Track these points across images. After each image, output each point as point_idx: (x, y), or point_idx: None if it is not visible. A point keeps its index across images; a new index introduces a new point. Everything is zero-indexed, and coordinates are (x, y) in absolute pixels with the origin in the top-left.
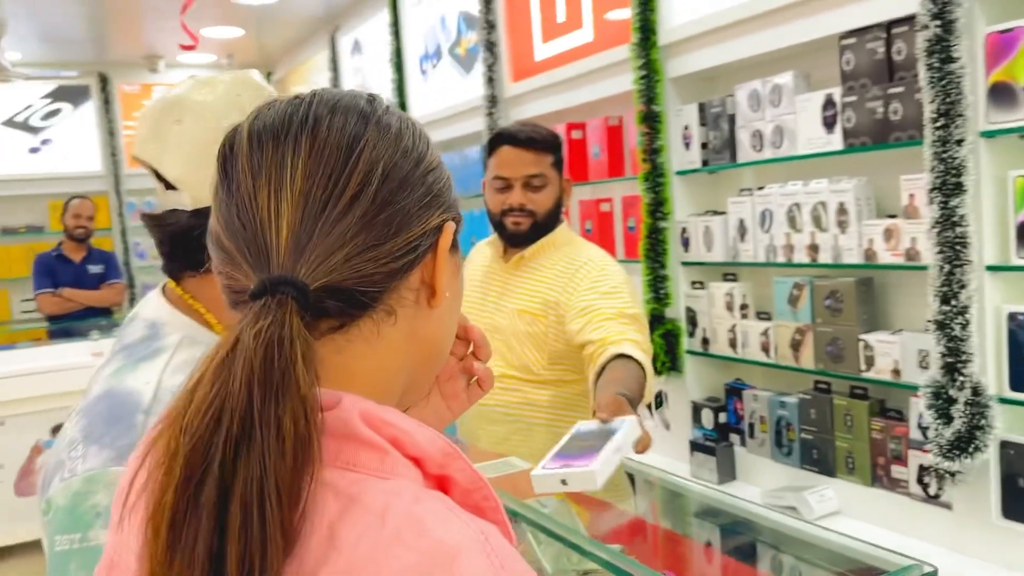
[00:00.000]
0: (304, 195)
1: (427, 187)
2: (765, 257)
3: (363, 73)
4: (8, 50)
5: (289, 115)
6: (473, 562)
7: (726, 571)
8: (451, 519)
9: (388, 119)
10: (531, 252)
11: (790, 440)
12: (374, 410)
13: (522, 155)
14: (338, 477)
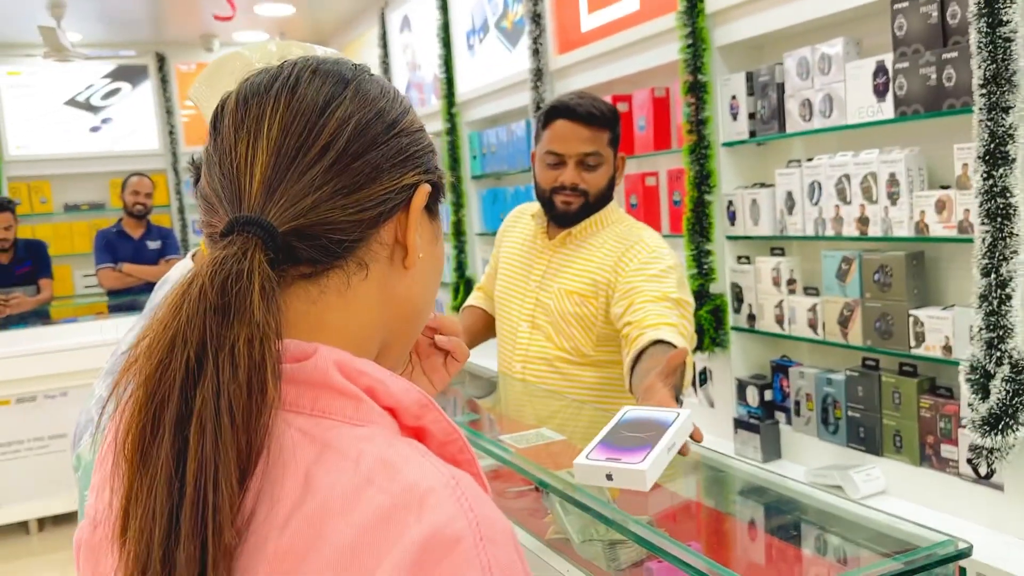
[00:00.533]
0: (277, 144)
1: (401, 148)
2: (813, 231)
3: (412, 49)
4: (69, 31)
5: (274, 77)
6: (442, 503)
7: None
8: (423, 463)
9: (367, 85)
10: (579, 230)
11: (837, 418)
12: (349, 360)
13: (578, 131)
14: (313, 425)
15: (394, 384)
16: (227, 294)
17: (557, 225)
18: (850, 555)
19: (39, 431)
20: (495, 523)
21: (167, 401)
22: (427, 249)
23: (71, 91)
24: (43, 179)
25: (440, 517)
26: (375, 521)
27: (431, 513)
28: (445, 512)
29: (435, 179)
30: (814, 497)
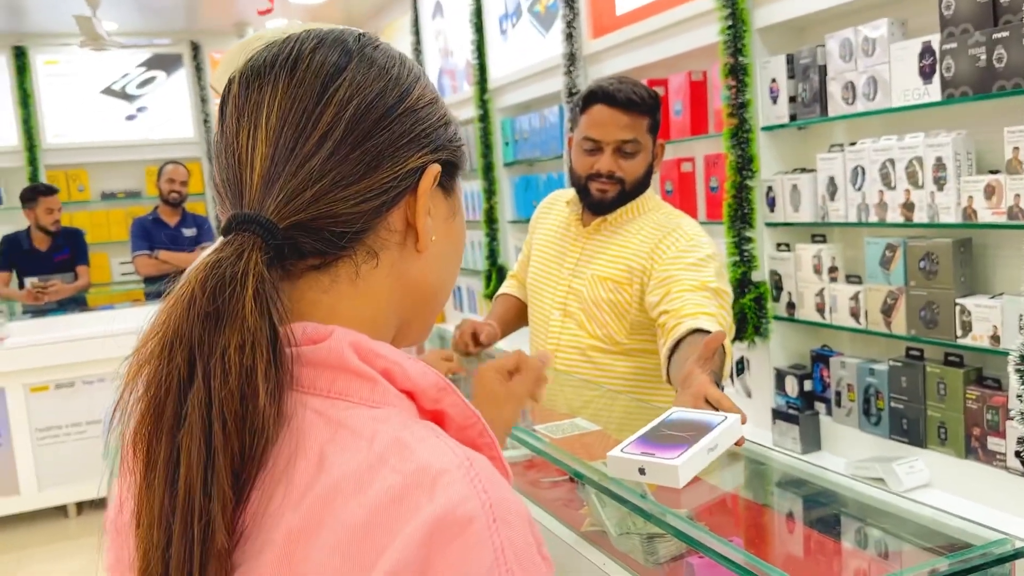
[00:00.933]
0: (276, 133)
1: (408, 127)
2: (856, 217)
3: (444, 36)
4: (104, 20)
5: (274, 55)
6: (454, 484)
7: (809, 544)
8: (437, 444)
9: (374, 54)
10: (614, 217)
11: (879, 409)
12: (365, 342)
13: (617, 117)
14: (329, 406)
15: (411, 367)
16: (218, 300)
17: (592, 213)
18: (895, 551)
19: (77, 417)
20: (510, 505)
21: (164, 406)
22: (442, 227)
23: (107, 80)
24: (80, 167)
25: (452, 497)
26: (387, 501)
27: (443, 493)
28: (458, 493)
29: (448, 156)
30: (856, 490)
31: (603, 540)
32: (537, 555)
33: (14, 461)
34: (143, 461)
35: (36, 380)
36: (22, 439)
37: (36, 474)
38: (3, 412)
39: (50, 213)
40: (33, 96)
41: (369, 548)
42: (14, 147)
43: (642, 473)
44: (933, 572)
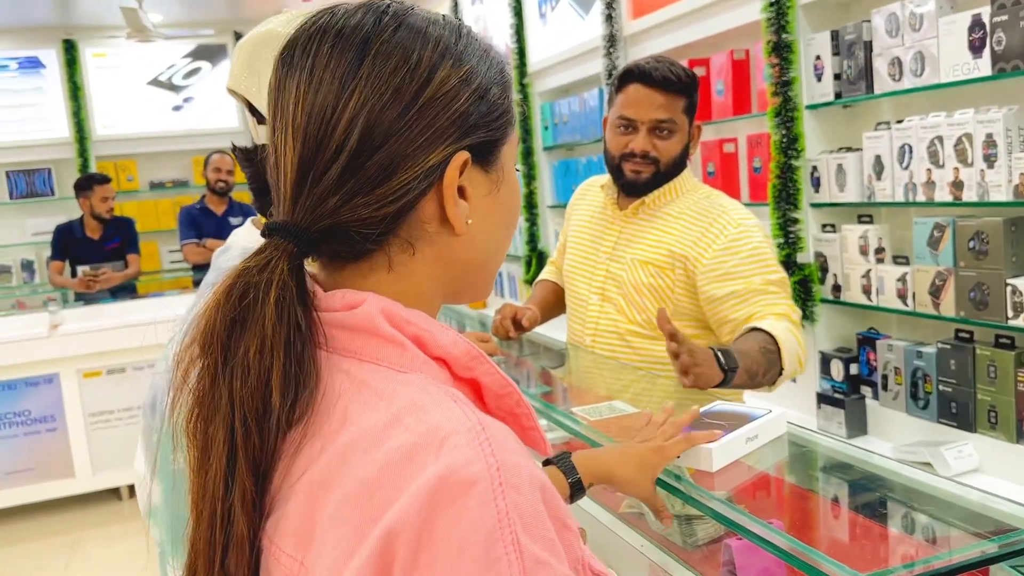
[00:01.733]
0: (301, 143)
1: (428, 121)
2: (903, 196)
3: (484, 20)
4: (150, 12)
5: (294, 57)
6: (461, 446)
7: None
8: (452, 407)
9: (394, 38)
10: (652, 199)
11: (927, 393)
12: (396, 310)
13: (653, 96)
14: (359, 368)
15: (442, 334)
16: (241, 305)
17: (626, 194)
18: (941, 535)
19: (128, 401)
20: (520, 471)
21: (203, 401)
22: (484, 203)
23: (153, 71)
24: (129, 158)
25: (457, 459)
26: (397, 459)
27: (449, 454)
28: (463, 454)
29: (482, 136)
30: (901, 474)
31: (641, 522)
32: (548, 522)
33: (69, 445)
34: (191, 448)
35: (88, 366)
36: (76, 423)
37: (90, 457)
38: (57, 397)
39: (105, 201)
40: (83, 89)
41: (378, 502)
42: (65, 139)
43: (677, 456)
44: (982, 554)
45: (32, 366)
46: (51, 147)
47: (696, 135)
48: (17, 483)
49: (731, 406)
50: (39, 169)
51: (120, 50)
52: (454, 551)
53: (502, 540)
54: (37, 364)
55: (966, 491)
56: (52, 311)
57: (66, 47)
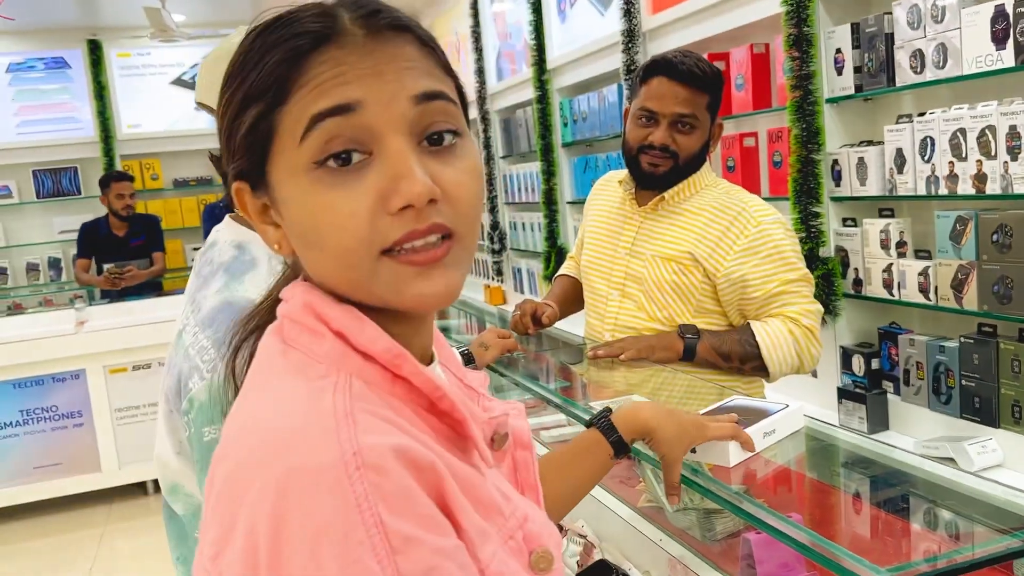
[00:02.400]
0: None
1: (224, 137)
2: (926, 189)
3: (503, 18)
4: (173, 12)
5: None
6: (314, 435)
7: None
8: (323, 397)
9: (236, 50)
10: (671, 195)
11: (949, 387)
12: (318, 303)
13: (676, 90)
14: (282, 351)
15: (362, 331)
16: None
17: (642, 187)
18: (964, 530)
19: (153, 397)
20: (384, 451)
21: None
22: (286, 226)
23: (177, 71)
24: (154, 156)
25: (306, 449)
26: (257, 444)
27: (301, 443)
28: (314, 443)
29: (241, 164)
30: (923, 468)
31: (660, 516)
32: (422, 498)
33: (95, 440)
34: None
35: (115, 362)
36: (102, 418)
37: (116, 452)
38: (84, 393)
39: (120, 198)
40: (108, 88)
41: (234, 498)
42: (91, 138)
43: (693, 451)
44: (1006, 549)
45: (59, 362)
46: (77, 146)
47: (717, 133)
48: (45, 477)
49: (748, 400)
50: (65, 168)
51: (144, 50)
52: (310, 542)
53: (363, 524)
54: (64, 360)
55: (990, 486)
56: (78, 308)
57: (91, 47)
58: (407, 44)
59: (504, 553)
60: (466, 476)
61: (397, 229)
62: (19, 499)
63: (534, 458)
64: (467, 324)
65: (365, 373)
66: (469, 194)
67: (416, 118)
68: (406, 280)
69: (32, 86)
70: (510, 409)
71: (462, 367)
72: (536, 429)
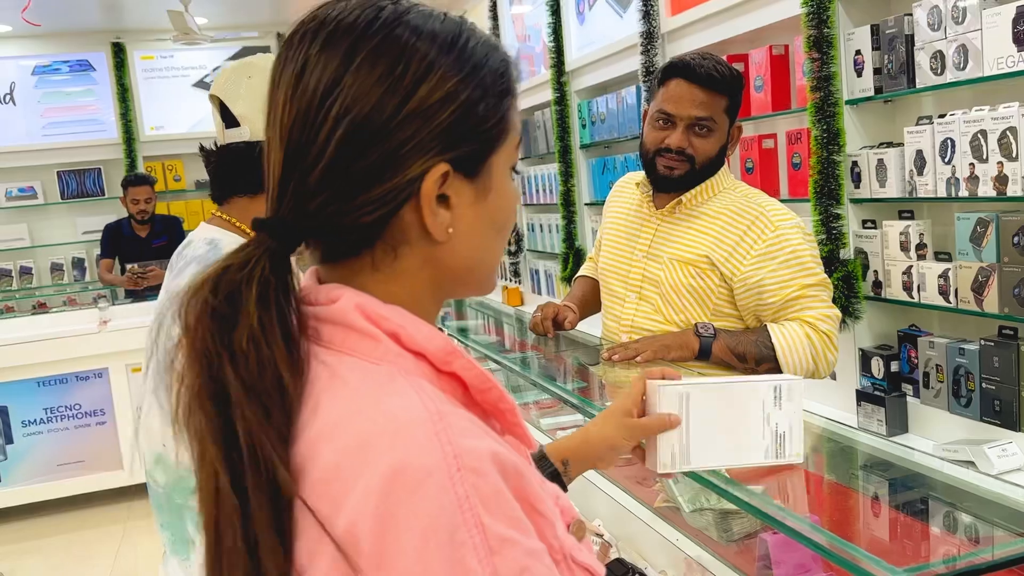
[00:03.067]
0: (286, 143)
1: (409, 134)
2: (946, 191)
3: (521, 20)
4: (196, 15)
5: (286, 59)
6: (416, 436)
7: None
8: (412, 398)
9: (380, 49)
10: (689, 198)
11: (969, 390)
12: (371, 304)
13: (695, 93)
14: (336, 359)
15: (418, 330)
16: (227, 301)
17: (658, 190)
18: (983, 533)
19: None
20: (479, 454)
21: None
22: (469, 212)
23: (199, 73)
24: (176, 158)
25: (412, 449)
26: (354, 447)
27: (403, 444)
28: (418, 444)
29: (465, 150)
30: (942, 471)
31: (676, 516)
32: (512, 501)
33: (117, 438)
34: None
35: (137, 361)
36: (124, 417)
37: (138, 450)
38: (106, 391)
39: (135, 203)
40: (131, 90)
41: (338, 491)
42: (114, 140)
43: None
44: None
45: (82, 361)
46: (101, 148)
47: (736, 136)
48: (68, 475)
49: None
50: (89, 169)
51: (167, 53)
52: (418, 541)
53: (464, 524)
54: (87, 359)
55: (1010, 489)
56: (102, 307)
57: (115, 50)
58: None
59: (561, 527)
60: (527, 468)
61: None
62: (42, 496)
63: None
64: (484, 325)
65: (419, 370)
66: None
67: None
68: None
69: (57, 88)
70: None
71: None
72: (553, 429)
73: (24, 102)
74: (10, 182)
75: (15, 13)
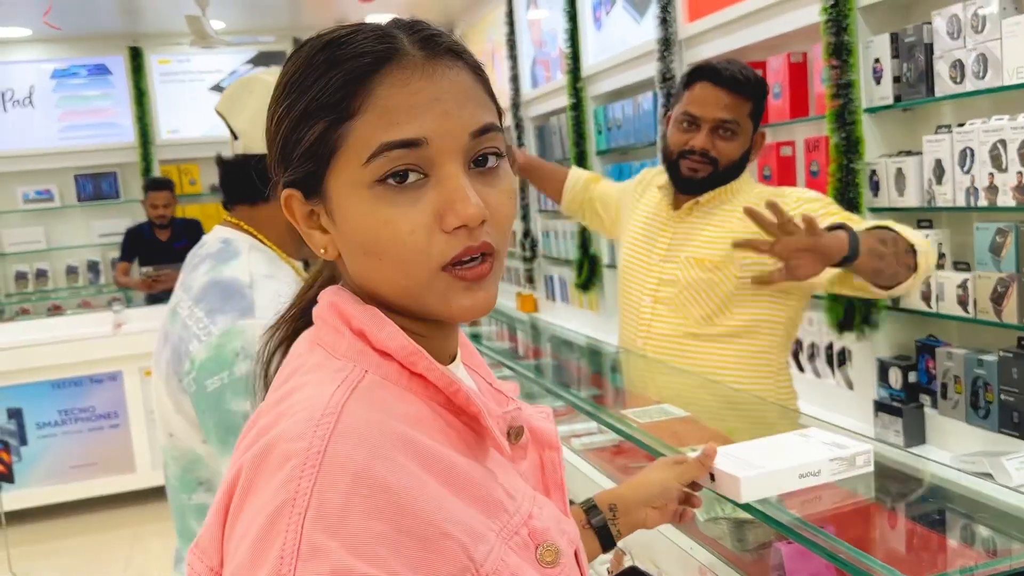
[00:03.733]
0: None
1: (272, 155)
2: (965, 201)
3: (538, 25)
4: (212, 19)
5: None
6: (300, 422)
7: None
8: (328, 389)
9: (282, 72)
10: (708, 198)
11: (988, 402)
12: (343, 303)
13: (719, 96)
14: (308, 349)
15: (380, 329)
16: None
17: (681, 191)
18: (1002, 546)
19: None
20: (348, 466)
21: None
22: (336, 234)
23: (216, 77)
24: (192, 162)
25: (287, 433)
26: (265, 422)
27: (288, 425)
28: (296, 429)
29: (299, 172)
30: (960, 483)
31: (690, 525)
32: (366, 524)
33: (130, 441)
34: None
35: (151, 364)
36: (138, 420)
37: (150, 453)
38: (120, 394)
39: (155, 208)
40: (148, 94)
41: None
42: (131, 144)
43: (712, 479)
44: None
45: (96, 364)
46: (117, 151)
47: (759, 142)
48: (81, 477)
49: (820, 435)
50: (105, 173)
51: (183, 57)
52: (253, 512)
53: (287, 520)
54: (101, 362)
55: None
56: (116, 311)
57: (132, 54)
58: (462, 71)
59: (503, 550)
60: (463, 474)
61: (454, 246)
62: (56, 498)
63: (561, 459)
64: (498, 331)
65: (382, 369)
66: (509, 215)
67: (471, 148)
68: (455, 293)
69: (75, 92)
70: (538, 412)
71: (491, 372)
72: (567, 436)
73: (42, 105)
74: (28, 185)
75: (36, 17)
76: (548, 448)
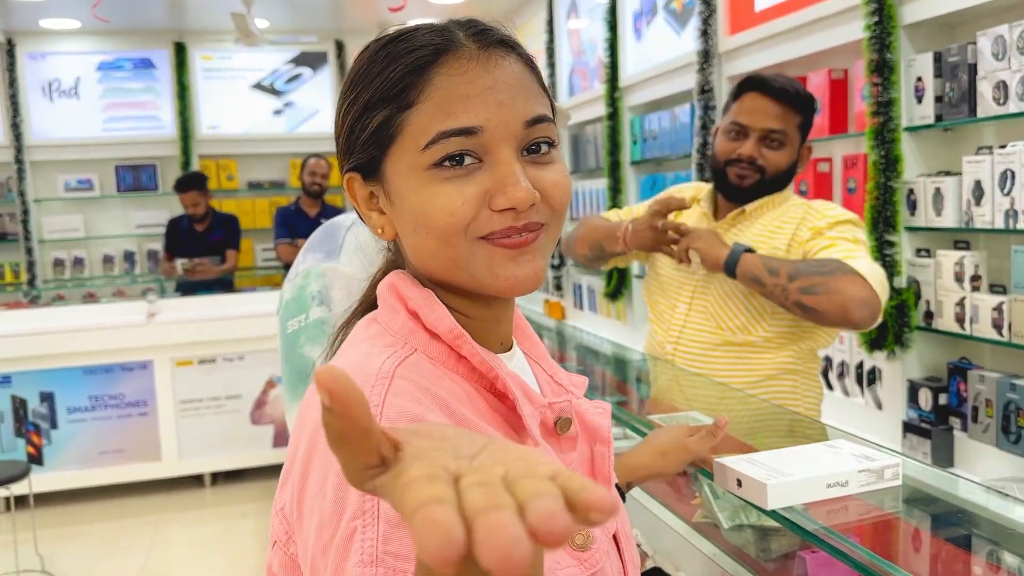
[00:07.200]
0: None
1: (339, 146)
2: (1004, 223)
3: (578, 34)
4: (257, 18)
5: None
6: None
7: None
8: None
9: (353, 69)
10: (753, 208)
11: (1019, 427)
12: (401, 284)
13: (768, 106)
14: (367, 323)
15: (431, 311)
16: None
17: (728, 199)
18: None
19: (217, 391)
20: (404, 415)
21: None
22: (393, 215)
23: (257, 76)
24: (230, 158)
25: None
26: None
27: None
28: (364, 376)
29: (359, 158)
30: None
31: (714, 532)
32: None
33: (158, 429)
34: None
35: (182, 355)
36: (166, 409)
37: (177, 443)
38: (151, 383)
39: (185, 208)
40: (190, 89)
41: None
42: (171, 137)
43: (739, 485)
44: None
45: (128, 352)
46: (157, 144)
47: (806, 155)
48: (107, 463)
49: (849, 447)
50: (145, 165)
51: (226, 54)
52: (318, 485)
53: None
54: (133, 350)
55: None
56: (150, 300)
57: (176, 49)
58: (515, 62)
59: None
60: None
61: (497, 223)
62: (83, 482)
63: (611, 454)
64: None
65: (431, 349)
66: (565, 191)
67: (524, 136)
68: (500, 263)
69: (119, 84)
70: (594, 407)
71: (554, 365)
72: None
73: (87, 96)
74: (69, 173)
75: (86, 10)
76: (599, 442)
